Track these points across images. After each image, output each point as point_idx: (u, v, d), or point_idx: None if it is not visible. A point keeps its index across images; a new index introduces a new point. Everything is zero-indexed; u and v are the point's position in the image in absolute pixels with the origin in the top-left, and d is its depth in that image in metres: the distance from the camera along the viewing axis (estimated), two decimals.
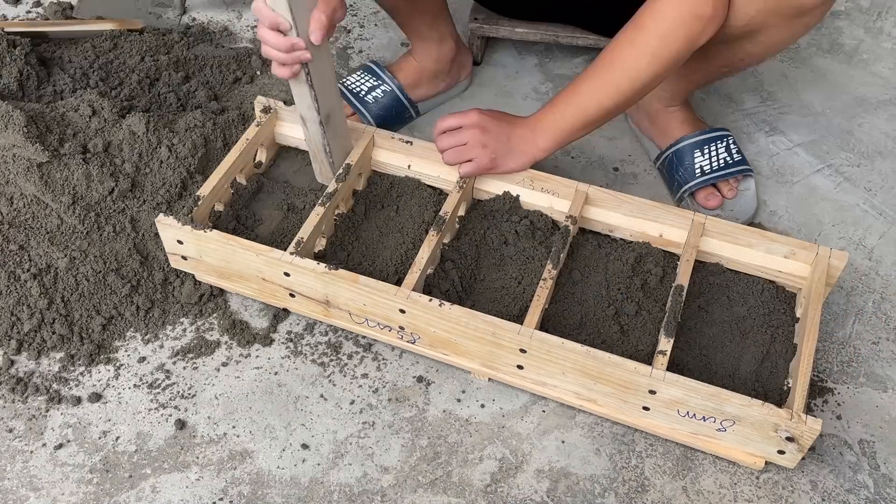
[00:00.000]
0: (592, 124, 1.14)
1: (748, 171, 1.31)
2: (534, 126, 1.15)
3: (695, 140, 1.31)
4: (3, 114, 1.13)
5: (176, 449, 1.03)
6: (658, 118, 1.36)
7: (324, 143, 1.13)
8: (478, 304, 1.11)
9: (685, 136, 1.32)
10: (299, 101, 1.09)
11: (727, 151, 1.31)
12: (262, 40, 1.00)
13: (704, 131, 1.32)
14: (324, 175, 1.21)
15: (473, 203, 1.23)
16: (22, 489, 0.99)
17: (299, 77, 1.04)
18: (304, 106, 1.09)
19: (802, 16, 1.06)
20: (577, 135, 1.14)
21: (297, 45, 0.98)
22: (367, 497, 1.00)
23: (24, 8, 1.67)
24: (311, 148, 1.17)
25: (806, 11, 1.05)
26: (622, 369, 0.97)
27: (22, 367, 1.10)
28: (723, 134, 1.33)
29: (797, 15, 1.06)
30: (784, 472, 1.03)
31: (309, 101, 1.07)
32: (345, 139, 1.19)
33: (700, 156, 1.30)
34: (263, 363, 1.12)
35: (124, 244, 1.17)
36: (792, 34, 1.10)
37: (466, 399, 1.09)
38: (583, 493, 1.01)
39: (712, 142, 1.31)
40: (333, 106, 1.12)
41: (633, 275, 1.14)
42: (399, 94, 1.41)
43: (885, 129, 1.50)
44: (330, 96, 1.10)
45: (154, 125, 1.23)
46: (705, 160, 1.29)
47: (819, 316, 1.05)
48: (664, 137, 1.36)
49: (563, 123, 1.13)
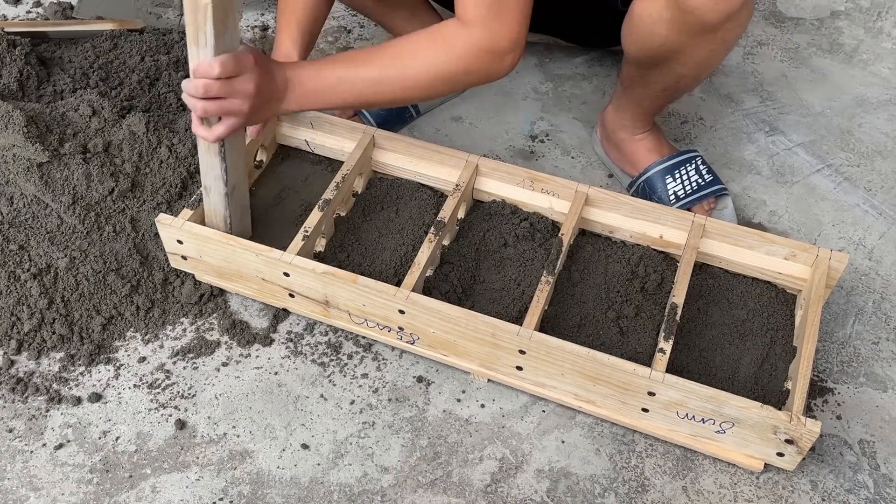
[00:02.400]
0: (344, 106, 1.10)
1: (722, 190, 1.29)
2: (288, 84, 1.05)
3: (663, 166, 1.29)
4: (3, 114, 1.13)
5: (176, 449, 1.04)
6: (625, 147, 1.33)
7: (225, 215, 1.09)
8: (477, 306, 1.11)
9: (652, 163, 1.30)
10: (207, 172, 1.06)
11: (697, 173, 1.29)
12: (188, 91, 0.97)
13: (672, 156, 1.30)
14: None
15: (473, 205, 1.23)
16: (22, 489, 0.99)
17: (211, 149, 1.03)
18: (211, 177, 1.06)
19: (713, 31, 1.04)
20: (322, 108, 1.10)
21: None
22: (367, 497, 1.00)
23: (24, 8, 1.67)
24: (210, 218, 1.12)
25: (712, 27, 1.03)
26: (621, 371, 0.97)
27: (22, 367, 1.10)
28: (691, 156, 1.30)
29: (706, 31, 1.04)
30: (784, 472, 1.03)
31: (218, 173, 1.05)
32: (245, 213, 1.15)
33: (672, 181, 1.28)
34: (263, 363, 1.12)
35: (124, 244, 1.17)
36: (713, 50, 1.08)
37: (466, 399, 1.10)
38: (583, 493, 1.01)
39: (681, 165, 1.29)
40: (240, 178, 1.10)
41: (633, 277, 1.14)
42: None
43: (885, 129, 1.50)
44: (237, 169, 1.08)
45: (154, 125, 1.23)
46: (678, 185, 1.28)
47: (819, 318, 1.05)
48: (633, 166, 1.33)
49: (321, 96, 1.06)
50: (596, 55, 1.63)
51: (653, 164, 1.29)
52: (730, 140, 1.48)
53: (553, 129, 1.48)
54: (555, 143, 1.46)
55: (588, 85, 1.57)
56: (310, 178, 1.27)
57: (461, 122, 1.48)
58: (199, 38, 0.92)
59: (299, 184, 1.26)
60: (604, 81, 1.58)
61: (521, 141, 1.46)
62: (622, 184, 1.38)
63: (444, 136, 1.45)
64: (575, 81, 1.58)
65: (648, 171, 1.29)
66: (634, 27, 1.10)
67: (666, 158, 1.30)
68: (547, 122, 1.49)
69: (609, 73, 1.59)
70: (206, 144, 1.03)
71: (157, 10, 1.67)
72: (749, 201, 1.37)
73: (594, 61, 1.62)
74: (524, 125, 1.49)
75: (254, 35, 1.63)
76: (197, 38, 0.92)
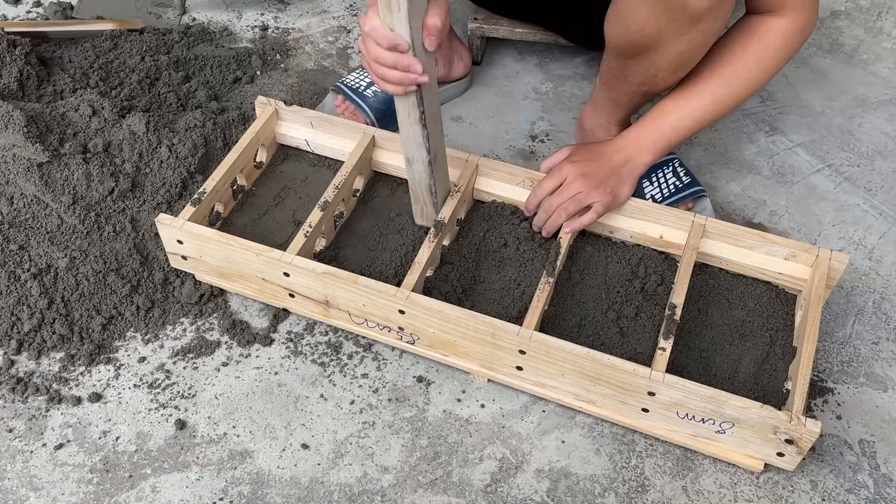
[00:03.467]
0: (692, 133, 1.16)
1: (700, 192, 1.29)
2: (627, 146, 1.16)
3: None
4: (3, 114, 1.13)
5: (176, 449, 1.04)
6: None
7: (430, 184, 1.09)
8: (477, 306, 1.11)
9: None
10: (408, 141, 1.04)
11: (675, 175, 1.29)
12: (378, 60, 0.95)
13: None
14: (425, 217, 1.17)
15: (473, 205, 1.23)
16: (22, 489, 0.99)
17: (412, 117, 1.00)
18: (414, 146, 1.04)
19: (694, 21, 1.04)
20: (677, 144, 1.17)
21: (413, 67, 0.94)
22: (367, 497, 1.00)
23: (24, 8, 1.67)
24: (415, 188, 1.11)
25: (695, 16, 1.03)
26: (621, 371, 0.97)
27: (22, 367, 1.10)
28: (668, 158, 1.30)
29: (688, 19, 1.04)
30: (784, 471, 1.03)
31: (420, 141, 1.03)
32: (447, 178, 1.15)
33: (649, 185, 1.28)
34: (263, 363, 1.12)
35: (124, 244, 1.17)
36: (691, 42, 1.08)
37: (466, 399, 1.10)
38: (583, 493, 1.01)
39: (658, 168, 1.29)
40: (440, 146, 1.09)
41: (633, 277, 1.14)
42: None
43: (885, 129, 1.50)
44: (438, 136, 1.07)
45: (154, 125, 1.23)
46: (655, 188, 1.28)
47: (819, 318, 1.05)
48: None
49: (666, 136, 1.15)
50: (596, 55, 1.62)
51: None
52: (730, 140, 1.48)
53: (553, 129, 1.48)
54: (555, 143, 1.46)
55: (588, 85, 1.57)
56: (310, 178, 1.27)
57: (461, 122, 1.48)
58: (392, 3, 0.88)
59: (299, 184, 1.26)
60: None
61: (521, 141, 1.46)
62: None
63: (445, 136, 1.45)
64: (575, 81, 1.58)
65: None
66: (617, 9, 1.10)
67: None
68: (547, 122, 1.49)
69: None
70: (406, 114, 1.01)
71: (157, 10, 1.67)
72: (749, 201, 1.37)
73: (594, 61, 1.62)
74: (524, 125, 1.49)
75: (254, 35, 1.63)
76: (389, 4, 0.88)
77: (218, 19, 1.66)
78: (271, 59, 1.57)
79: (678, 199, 1.27)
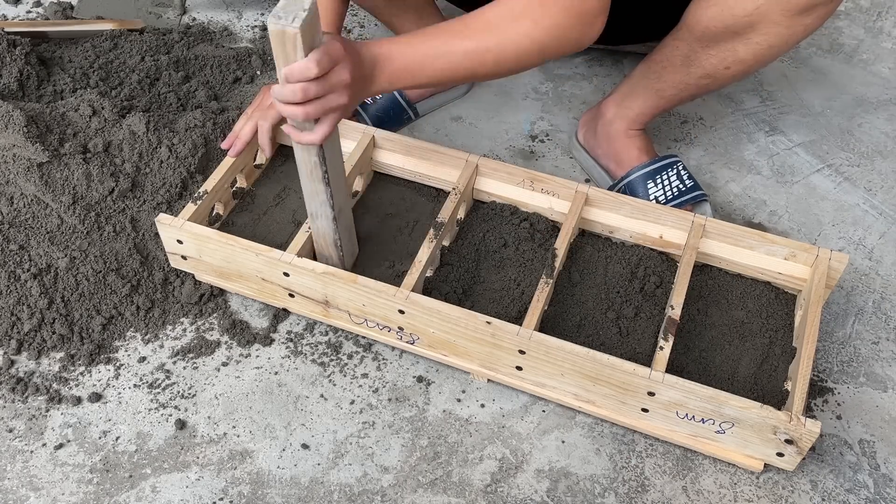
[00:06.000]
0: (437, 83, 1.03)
1: (702, 196, 1.29)
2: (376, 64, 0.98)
3: (646, 171, 1.28)
4: (3, 114, 1.13)
5: (176, 449, 1.04)
6: (616, 141, 1.32)
7: (335, 239, 1.08)
8: (477, 306, 1.11)
9: (635, 167, 1.29)
10: (312, 198, 1.04)
11: (679, 179, 1.28)
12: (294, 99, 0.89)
13: (654, 161, 1.29)
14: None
15: (473, 205, 1.23)
16: (22, 489, 0.99)
17: (314, 175, 0.99)
18: (318, 203, 1.04)
19: (806, 13, 1.04)
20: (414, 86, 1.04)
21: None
22: (367, 497, 1.00)
23: (24, 8, 1.67)
24: (320, 242, 1.10)
25: (811, 8, 1.03)
26: (621, 371, 0.97)
27: (22, 367, 1.10)
28: (672, 161, 1.30)
29: (801, 11, 1.04)
30: (784, 472, 1.03)
31: (324, 198, 1.02)
32: (353, 233, 1.14)
33: (653, 186, 1.28)
34: (263, 363, 1.12)
35: (124, 244, 1.17)
36: (789, 36, 1.08)
37: (466, 399, 1.10)
38: (583, 493, 1.01)
39: (663, 170, 1.29)
40: (345, 201, 1.08)
41: (633, 277, 1.14)
42: (396, 95, 1.41)
43: (885, 129, 1.50)
44: (342, 192, 1.06)
45: (154, 125, 1.23)
46: (658, 190, 1.27)
47: (819, 318, 1.05)
48: (618, 164, 1.32)
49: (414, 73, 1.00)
50: (596, 55, 1.63)
51: (635, 168, 1.29)
52: (730, 140, 1.48)
53: (553, 129, 1.48)
54: (555, 143, 1.46)
55: (588, 85, 1.57)
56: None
57: (461, 122, 1.48)
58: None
59: (299, 184, 1.26)
60: (604, 81, 1.58)
61: (521, 141, 1.46)
62: (602, 186, 1.36)
63: (444, 136, 1.45)
64: (575, 81, 1.58)
65: (630, 175, 1.29)
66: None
67: (649, 163, 1.29)
68: (547, 122, 1.49)
69: (609, 73, 1.59)
70: (308, 171, 0.98)
71: (157, 10, 1.67)
72: (749, 201, 1.37)
73: (594, 61, 1.62)
74: (524, 125, 1.49)
75: (254, 35, 1.63)
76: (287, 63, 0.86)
77: (218, 19, 1.66)
78: (271, 58, 1.57)
79: (681, 203, 1.27)
